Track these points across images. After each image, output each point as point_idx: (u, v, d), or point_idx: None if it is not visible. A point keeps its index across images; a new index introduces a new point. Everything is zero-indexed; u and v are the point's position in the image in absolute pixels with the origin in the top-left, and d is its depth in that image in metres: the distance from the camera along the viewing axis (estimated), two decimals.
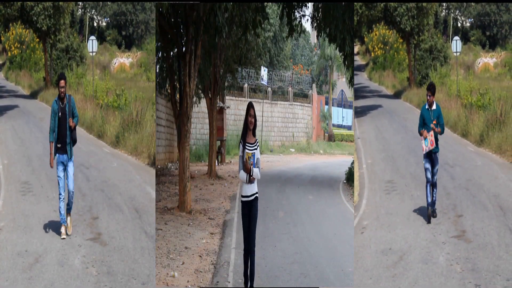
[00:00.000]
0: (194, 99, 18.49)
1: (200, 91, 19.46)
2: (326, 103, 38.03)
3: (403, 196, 10.77)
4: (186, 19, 11.95)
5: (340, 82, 42.87)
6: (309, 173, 21.02)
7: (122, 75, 15.43)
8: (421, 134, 9.56)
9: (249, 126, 7.35)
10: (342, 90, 43.69)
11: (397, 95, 17.07)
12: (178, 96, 12.67)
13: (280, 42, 33.30)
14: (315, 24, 15.80)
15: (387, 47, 17.49)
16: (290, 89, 33.75)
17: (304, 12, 16.26)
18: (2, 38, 15.85)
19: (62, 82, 8.78)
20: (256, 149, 7.33)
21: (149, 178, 11.74)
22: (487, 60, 16.28)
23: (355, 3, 15.10)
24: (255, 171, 7.22)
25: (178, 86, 12.64)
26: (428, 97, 9.55)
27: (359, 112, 15.80)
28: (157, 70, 18.66)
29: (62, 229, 8.72)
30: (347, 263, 8.71)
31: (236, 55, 19.10)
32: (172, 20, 12.32)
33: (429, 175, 9.37)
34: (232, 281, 7.87)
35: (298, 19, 15.72)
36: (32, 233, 8.68)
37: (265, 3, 15.59)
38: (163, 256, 8.83)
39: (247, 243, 7.27)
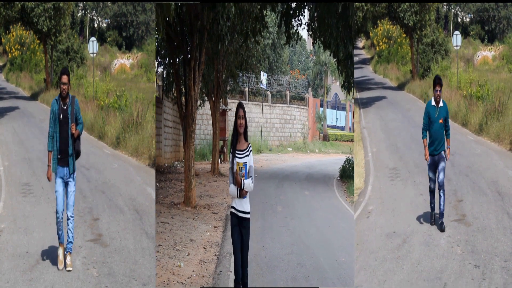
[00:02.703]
0: (199, 102, 19.16)
1: (204, 95, 20.33)
2: (321, 106, 39.65)
3: (406, 182, 11.00)
4: (191, 28, 12.45)
5: (334, 86, 44.66)
6: (305, 170, 21.68)
7: (123, 76, 15.43)
8: (423, 141, 8.76)
9: (238, 129, 6.34)
10: (336, 93, 45.40)
11: (400, 87, 17.44)
12: (183, 99, 13.19)
13: (278, 49, 34.66)
14: (310, 32, 16.77)
15: (391, 42, 17.83)
16: (287, 92, 35.19)
17: (301, 21, 17.19)
18: (2, 40, 15.88)
19: (64, 78, 7.37)
20: (248, 155, 6.33)
21: (150, 179, 11.78)
22: (486, 53, 16.44)
23: (359, 3, 15.45)
24: (247, 183, 6.24)
25: (183, 90, 13.16)
26: (438, 92, 8.54)
27: (365, 103, 16.18)
28: (164, 75, 19.31)
29: (59, 251, 7.52)
30: (341, 253, 9.07)
31: (237, 61, 19.89)
32: (178, 29, 12.86)
33: (432, 185, 8.78)
34: (234, 271, 8.00)
35: (295, 28, 17.04)
36: (32, 235, 8.62)
37: (264, 13, 16.48)
38: (170, 248, 9.09)
39: (237, 272, 6.26)
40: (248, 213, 6.34)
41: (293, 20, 16.78)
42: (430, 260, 7.64)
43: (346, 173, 17.67)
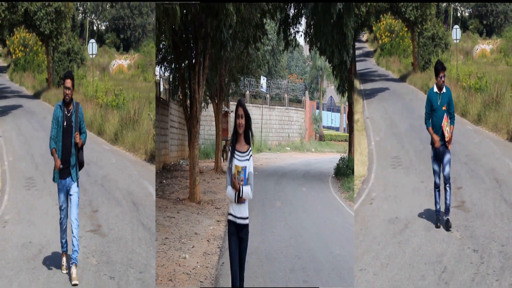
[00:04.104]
0: (203, 104, 19.83)
1: (207, 97, 21.16)
2: (317, 108, 41.33)
3: (408, 170, 11.14)
4: (196, 35, 13.01)
5: (329, 89, 46.62)
6: (303, 168, 22.25)
7: (121, 76, 15.65)
8: (428, 130, 8.16)
9: (237, 130, 5.72)
10: (331, 96, 47.53)
11: (402, 78, 17.71)
12: (188, 101, 13.83)
13: (277, 54, 35.85)
14: (307, 39, 17.94)
15: (393, 35, 18.10)
16: (286, 95, 36.44)
17: (298, 28, 18.23)
18: (7, 42, 16.16)
19: (68, 82, 6.76)
20: (248, 159, 5.70)
21: (146, 173, 11.99)
22: (484, 46, 16.58)
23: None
24: (245, 191, 5.62)
25: (188, 93, 13.87)
26: (442, 78, 7.95)
27: (368, 94, 16.51)
28: (170, 79, 20.20)
29: (63, 260, 7.17)
30: (335, 246, 9.35)
31: (239, 66, 20.86)
32: (184, 36, 13.46)
33: (437, 180, 8.23)
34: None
35: (293, 35, 18.13)
36: (35, 226, 8.84)
37: (264, 21, 17.31)
38: (176, 241, 9.37)
39: (235, 278, 5.74)
40: (247, 218, 5.77)
41: (291, 27, 17.85)
42: (430, 245, 7.78)
43: (341, 171, 18.08)
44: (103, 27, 16.31)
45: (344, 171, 17.64)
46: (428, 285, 6.78)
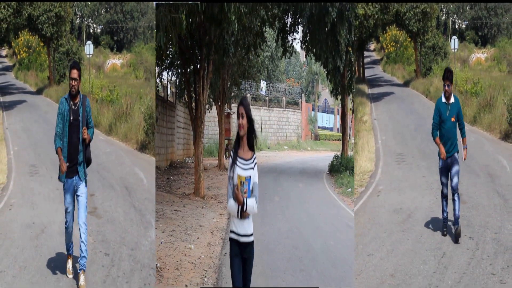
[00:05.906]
0: (206, 106, 20.25)
1: (211, 100, 21.66)
2: (313, 109, 42.42)
3: (411, 166, 11.60)
4: (200, 42, 13.39)
5: (324, 93, 47.58)
6: (299, 165, 22.55)
7: (114, 74, 16.07)
8: (435, 141, 7.77)
9: (239, 131, 5.01)
10: (325, 99, 48.53)
11: (406, 84, 18.26)
12: (193, 104, 14.34)
13: (276, 60, 36.42)
14: (304, 46, 18.77)
15: (398, 45, 18.61)
16: (283, 98, 37.19)
17: (295, 36, 18.90)
18: (12, 44, 16.67)
19: (74, 73, 6.11)
20: (252, 168, 4.95)
21: (138, 161, 12.47)
22: (479, 55, 17.01)
23: (370, 8, 16.42)
24: (250, 204, 4.85)
25: (193, 96, 14.35)
26: (447, 87, 7.59)
27: (375, 98, 17.10)
28: (177, 83, 21.03)
29: (69, 264, 6.66)
30: (330, 237, 9.64)
31: (240, 71, 21.37)
32: (189, 43, 13.90)
33: (445, 190, 8.00)
34: None
35: (290, 42, 18.77)
36: (38, 208, 9.25)
37: (264, 29, 17.79)
38: (182, 232, 9.65)
39: None
40: (251, 235, 5.03)
41: (288, 35, 18.60)
42: (431, 232, 8.18)
43: (335, 168, 18.40)
44: (99, 30, 16.75)
45: (337, 168, 18.04)
46: (429, 268, 7.06)
